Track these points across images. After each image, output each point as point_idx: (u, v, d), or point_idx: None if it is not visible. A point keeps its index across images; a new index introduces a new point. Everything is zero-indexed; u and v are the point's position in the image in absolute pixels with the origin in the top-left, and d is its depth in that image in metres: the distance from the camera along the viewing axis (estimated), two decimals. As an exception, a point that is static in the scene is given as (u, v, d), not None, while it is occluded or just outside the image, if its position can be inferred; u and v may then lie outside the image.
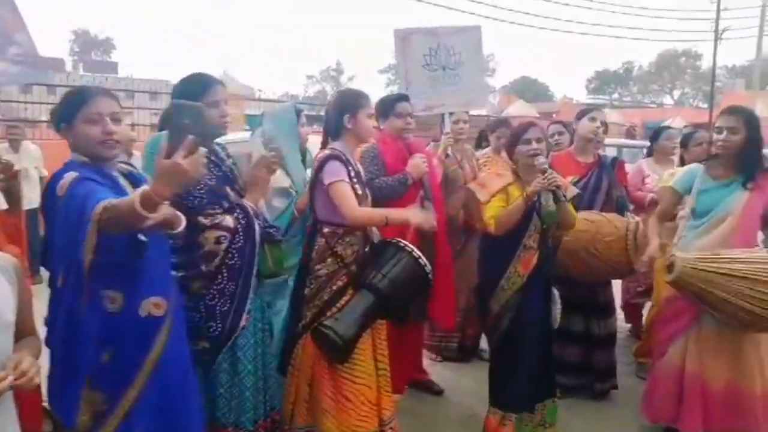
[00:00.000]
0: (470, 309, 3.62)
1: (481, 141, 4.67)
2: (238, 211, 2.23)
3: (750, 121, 2.68)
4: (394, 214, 2.54)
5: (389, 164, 3.07)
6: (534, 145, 2.76)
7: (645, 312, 4.66)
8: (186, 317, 2.01)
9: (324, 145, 2.66)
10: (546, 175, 2.65)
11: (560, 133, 4.05)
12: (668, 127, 4.89)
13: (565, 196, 2.74)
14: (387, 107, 3.14)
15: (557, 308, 2.91)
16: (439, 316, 3.33)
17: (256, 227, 2.25)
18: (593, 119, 3.43)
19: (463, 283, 3.47)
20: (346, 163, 2.53)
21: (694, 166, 2.87)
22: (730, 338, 2.67)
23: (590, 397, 3.46)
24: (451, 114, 3.76)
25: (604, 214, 3.25)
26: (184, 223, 1.77)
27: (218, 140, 2.34)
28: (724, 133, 2.68)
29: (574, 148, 3.55)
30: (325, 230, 2.53)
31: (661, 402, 2.86)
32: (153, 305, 1.78)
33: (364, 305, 2.40)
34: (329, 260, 2.51)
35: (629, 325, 4.68)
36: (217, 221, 2.15)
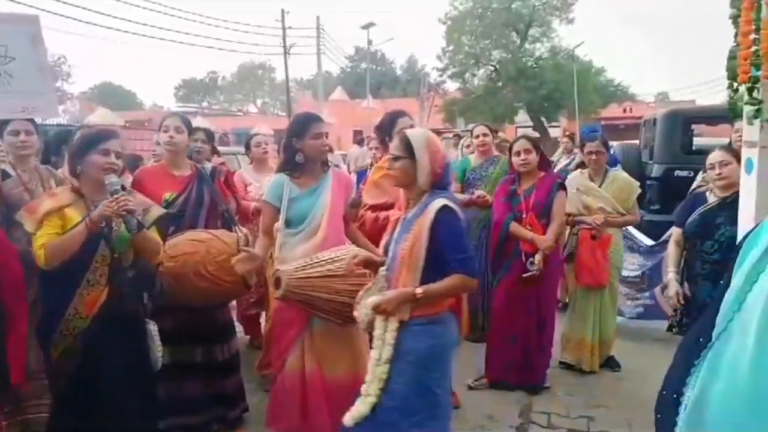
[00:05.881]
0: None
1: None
2: None
3: None
4: None
5: None
6: (112, 158, 2.40)
7: (263, 321, 4.68)
8: None
9: None
10: (116, 197, 2.30)
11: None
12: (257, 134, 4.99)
13: (142, 224, 2.40)
14: None
15: (156, 345, 2.56)
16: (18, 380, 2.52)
17: None
18: (166, 129, 3.07)
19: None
20: None
21: (279, 177, 2.85)
22: (338, 333, 2.72)
23: (223, 428, 3.16)
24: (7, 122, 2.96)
25: (210, 231, 2.97)
26: None
27: None
28: (322, 138, 2.80)
29: (165, 160, 3.14)
30: None
31: (289, 414, 2.74)
32: None
33: None
34: None
35: (248, 337, 4.61)
36: None
